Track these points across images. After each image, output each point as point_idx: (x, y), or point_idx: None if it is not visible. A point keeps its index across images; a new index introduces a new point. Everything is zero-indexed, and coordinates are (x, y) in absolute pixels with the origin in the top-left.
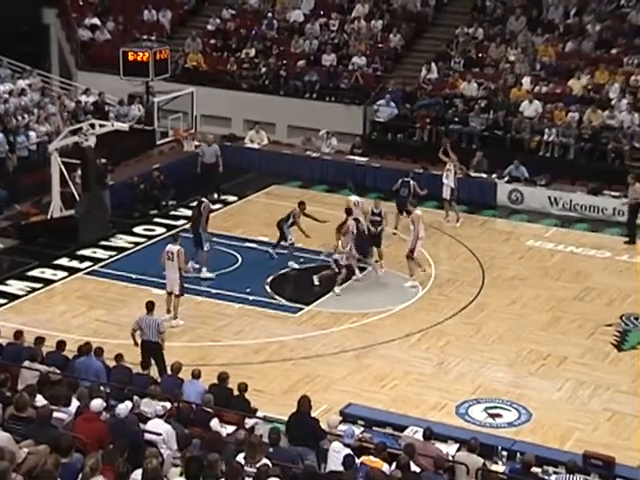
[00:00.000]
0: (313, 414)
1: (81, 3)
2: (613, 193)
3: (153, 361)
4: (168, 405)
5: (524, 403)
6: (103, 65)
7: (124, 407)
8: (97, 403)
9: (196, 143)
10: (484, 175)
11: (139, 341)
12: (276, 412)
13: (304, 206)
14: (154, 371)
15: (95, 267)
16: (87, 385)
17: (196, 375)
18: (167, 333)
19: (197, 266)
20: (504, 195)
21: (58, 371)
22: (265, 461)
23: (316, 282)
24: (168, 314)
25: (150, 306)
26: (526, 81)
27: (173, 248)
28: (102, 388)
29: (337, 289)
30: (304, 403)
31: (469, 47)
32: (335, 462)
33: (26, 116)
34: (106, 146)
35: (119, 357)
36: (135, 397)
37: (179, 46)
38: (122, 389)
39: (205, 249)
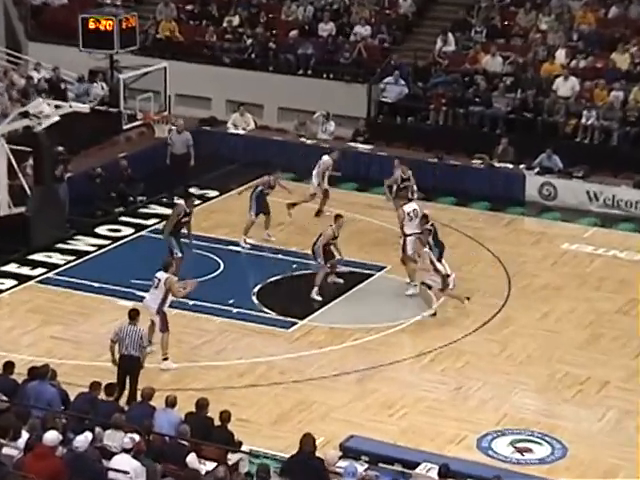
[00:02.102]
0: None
1: None
2: None
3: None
4: (137, 437)
5: (558, 436)
6: (58, 35)
7: (83, 439)
8: (51, 436)
9: (169, 127)
10: (510, 166)
11: (117, 356)
12: (264, 446)
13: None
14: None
15: (50, 274)
16: (40, 414)
17: (170, 402)
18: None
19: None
20: (534, 189)
21: (5, 398)
22: None
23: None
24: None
25: (133, 314)
26: (561, 54)
27: (161, 275)
28: (58, 418)
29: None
30: (308, 442)
31: (493, 14)
32: None
33: None
34: (63, 131)
35: (94, 385)
36: (97, 428)
37: (149, 13)
38: (82, 419)
39: (176, 255)
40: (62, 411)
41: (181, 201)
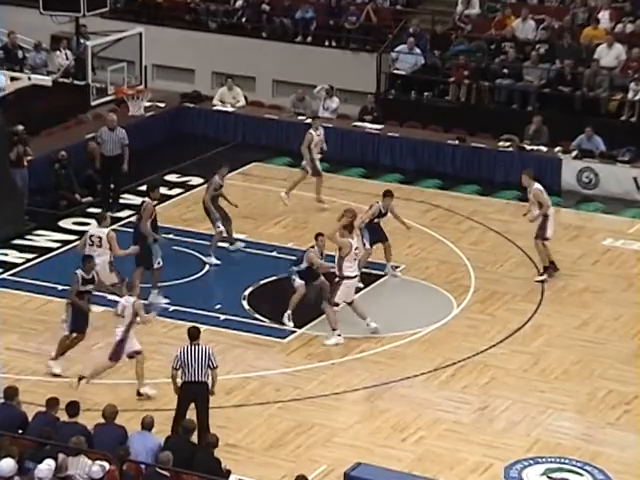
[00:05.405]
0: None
1: None
2: None
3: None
4: (107, 466)
5: (601, 465)
6: None
7: (46, 468)
8: (6, 465)
9: (146, 104)
10: (544, 149)
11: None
12: (256, 475)
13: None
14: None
15: (5, 275)
16: None
17: (147, 425)
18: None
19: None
20: (572, 176)
21: None
22: None
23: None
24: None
25: (195, 333)
26: (604, 17)
27: (100, 231)
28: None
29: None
30: None
31: None
32: None
33: None
34: (21, 108)
35: (52, 403)
36: (61, 455)
37: None
38: (41, 444)
39: (156, 266)
40: (19, 436)
41: (147, 199)
